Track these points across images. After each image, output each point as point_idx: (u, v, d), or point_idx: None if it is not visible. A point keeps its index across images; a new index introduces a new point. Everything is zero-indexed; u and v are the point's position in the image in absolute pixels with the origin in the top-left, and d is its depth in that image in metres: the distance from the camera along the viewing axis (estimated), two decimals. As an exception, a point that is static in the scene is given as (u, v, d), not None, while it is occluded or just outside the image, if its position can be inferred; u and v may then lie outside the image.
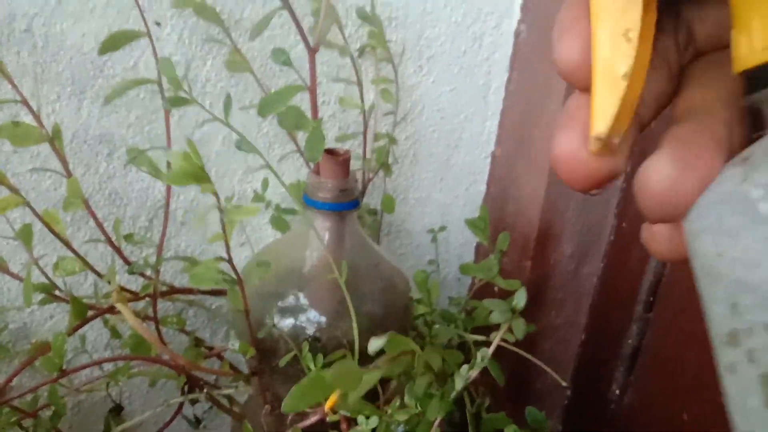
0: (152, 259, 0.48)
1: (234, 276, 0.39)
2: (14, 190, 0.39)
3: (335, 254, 0.45)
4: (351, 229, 0.46)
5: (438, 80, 0.59)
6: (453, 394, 0.42)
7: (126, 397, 0.58)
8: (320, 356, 0.43)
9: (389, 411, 0.41)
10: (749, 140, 0.18)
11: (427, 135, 0.61)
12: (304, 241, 0.46)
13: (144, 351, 0.46)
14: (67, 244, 0.43)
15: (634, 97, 0.18)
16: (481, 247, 0.70)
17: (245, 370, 0.55)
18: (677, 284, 0.58)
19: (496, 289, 0.59)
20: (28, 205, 0.40)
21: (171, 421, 0.51)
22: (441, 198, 0.65)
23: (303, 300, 0.45)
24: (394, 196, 0.61)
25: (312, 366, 0.43)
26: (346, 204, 0.45)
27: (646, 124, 0.20)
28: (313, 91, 0.43)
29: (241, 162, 0.56)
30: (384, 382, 0.45)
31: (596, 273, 0.67)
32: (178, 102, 0.40)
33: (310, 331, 0.44)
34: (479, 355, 0.43)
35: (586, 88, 0.18)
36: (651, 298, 0.60)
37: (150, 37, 0.41)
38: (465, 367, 0.42)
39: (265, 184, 0.52)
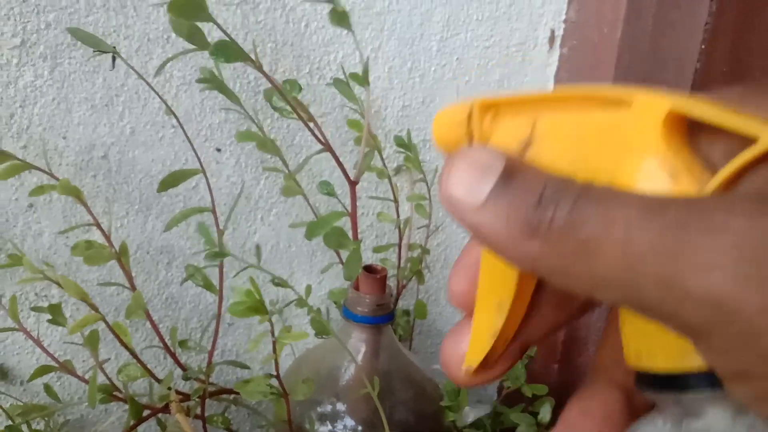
0: (203, 363, 0.53)
1: (281, 390, 0.43)
2: (95, 308, 0.44)
3: (371, 364, 0.49)
4: (386, 339, 0.50)
5: (468, 193, 0.64)
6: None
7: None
8: (356, 463, 0.46)
9: None
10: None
11: (458, 242, 0.65)
12: (342, 351, 0.50)
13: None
14: (133, 354, 0.47)
15: (509, 334, 0.20)
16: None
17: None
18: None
19: (523, 391, 0.61)
20: (105, 320, 0.45)
21: None
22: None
23: (340, 407, 0.48)
24: (426, 297, 0.65)
25: (348, 473, 0.46)
26: (382, 317, 0.49)
27: (536, 342, 0.22)
28: (353, 217, 0.48)
29: (286, 268, 0.61)
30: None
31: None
32: (215, 256, 0.45)
33: (347, 435, 0.47)
34: None
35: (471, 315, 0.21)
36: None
37: (205, 174, 0.47)
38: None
39: (308, 290, 0.57)
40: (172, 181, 0.46)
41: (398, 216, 0.56)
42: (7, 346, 0.55)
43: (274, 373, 0.42)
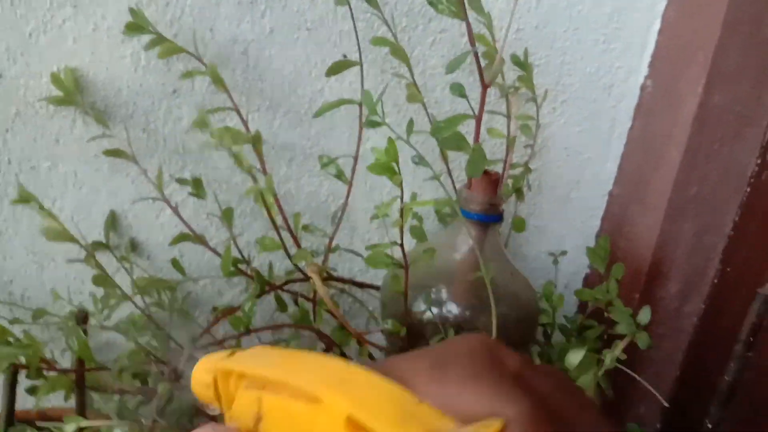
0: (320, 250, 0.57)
1: (402, 259, 0.47)
2: (255, 179, 0.48)
3: (478, 258, 0.52)
4: (492, 239, 0.54)
5: (568, 122, 0.67)
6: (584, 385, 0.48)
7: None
8: (462, 342, 0.50)
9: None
10: None
11: (553, 169, 0.68)
12: (451, 246, 0.54)
13: (306, 322, 0.55)
14: (274, 225, 0.52)
15: None
16: (590, 279, 0.75)
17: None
18: (779, 328, 0.63)
19: (605, 315, 0.64)
20: (261, 194, 0.50)
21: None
22: (558, 228, 0.72)
23: (449, 294, 0.52)
24: (525, 214, 0.68)
25: (455, 350, 0.50)
26: (492, 216, 0.53)
27: None
28: (479, 120, 0.51)
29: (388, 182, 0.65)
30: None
31: (698, 313, 0.72)
32: (373, 124, 0.49)
33: (454, 320, 0.52)
34: (608, 356, 0.49)
35: None
36: (752, 338, 0.65)
37: (362, 67, 0.51)
38: (594, 367, 0.49)
39: (414, 197, 0.61)
40: (335, 69, 0.51)
41: (508, 133, 0.59)
42: (139, 222, 0.60)
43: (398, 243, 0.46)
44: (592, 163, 0.70)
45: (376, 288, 0.62)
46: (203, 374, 0.24)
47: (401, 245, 0.47)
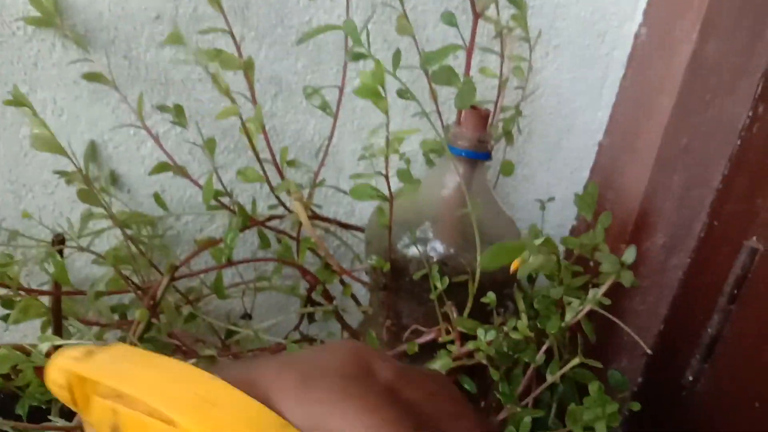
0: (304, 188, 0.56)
1: (387, 191, 0.46)
2: (233, 101, 0.47)
3: (465, 195, 0.51)
4: (480, 178, 0.53)
5: (560, 68, 0.65)
6: (566, 321, 0.48)
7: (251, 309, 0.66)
8: (446, 278, 0.50)
9: (506, 329, 0.47)
10: None
11: (544, 116, 0.67)
12: (438, 184, 0.53)
13: (289, 258, 0.54)
14: (257, 156, 0.51)
15: None
16: (577, 230, 0.75)
17: (362, 300, 0.62)
18: (764, 280, 0.62)
19: (591, 264, 0.64)
20: (240, 117, 0.48)
21: (297, 326, 0.58)
22: (546, 177, 0.71)
23: (435, 232, 0.52)
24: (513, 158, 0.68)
25: (439, 284, 0.49)
26: (481, 154, 0.52)
27: None
28: (470, 51, 0.50)
29: (377, 119, 0.63)
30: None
31: (683, 267, 0.72)
32: (357, 57, 0.48)
33: (438, 257, 0.51)
34: (591, 292, 0.49)
35: None
36: (735, 291, 0.65)
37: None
38: (577, 301, 0.48)
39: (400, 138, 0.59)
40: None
41: (501, 73, 0.58)
42: (119, 154, 0.59)
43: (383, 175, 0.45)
44: (582, 112, 0.69)
45: (362, 230, 0.61)
46: (57, 374, 0.22)
47: (386, 176, 0.46)
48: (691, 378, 0.69)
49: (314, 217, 0.57)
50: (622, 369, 0.76)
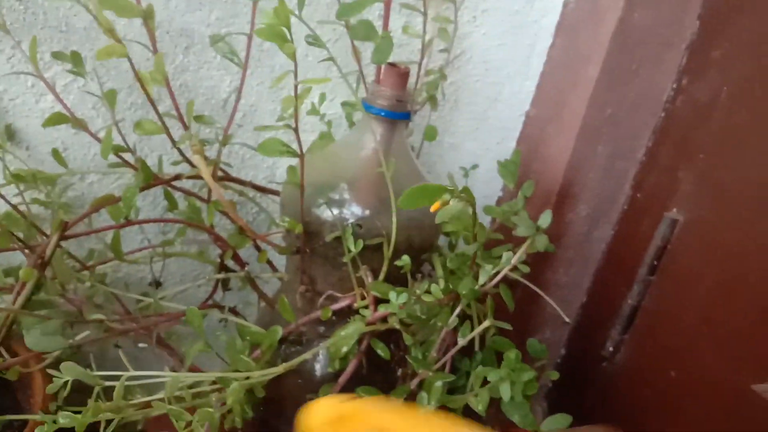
0: (213, 148, 0.53)
1: (298, 148, 0.44)
2: (119, 40, 0.43)
3: (383, 157, 0.49)
4: (399, 140, 0.51)
5: (488, 34, 0.64)
6: (481, 283, 0.47)
7: (163, 277, 0.63)
8: (360, 241, 0.48)
9: (418, 291, 0.46)
10: None
11: (471, 84, 0.66)
12: (356, 145, 0.51)
13: (198, 221, 0.51)
14: (154, 107, 0.47)
15: None
16: (502, 201, 0.74)
17: (279, 267, 0.59)
18: (683, 250, 0.63)
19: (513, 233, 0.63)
20: (130, 61, 0.45)
21: (210, 295, 0.55)
22: (473, 147, 0.70)
23: (349, 193, 0.50)
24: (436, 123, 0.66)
25: (352, 248, 0.47)
26: (400, 114, 0.50)
27: None
28: (388, 4, 0.48)
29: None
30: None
31: (606, 239, 0.72)
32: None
33: (353, 220, 0.49)
34: (505, 256, 0.47)
35: None
36: (656, 262, 0.65)
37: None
38: (491, 265, 0.47)
39: (322, 98, 0.57)
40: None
41: (425, 32, 0.56)
42: (16, 107, 0.54)
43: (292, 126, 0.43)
44: (510, 81, 0.68)
45: (278, 194, 0.59)
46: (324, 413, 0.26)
47: (295, 129, 0.43)
48: (611, 349, 0.69)
49: (226, 178, 0.55)
50: (544, 341, 0.76)
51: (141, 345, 0.51)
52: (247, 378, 0.42)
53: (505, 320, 0.65)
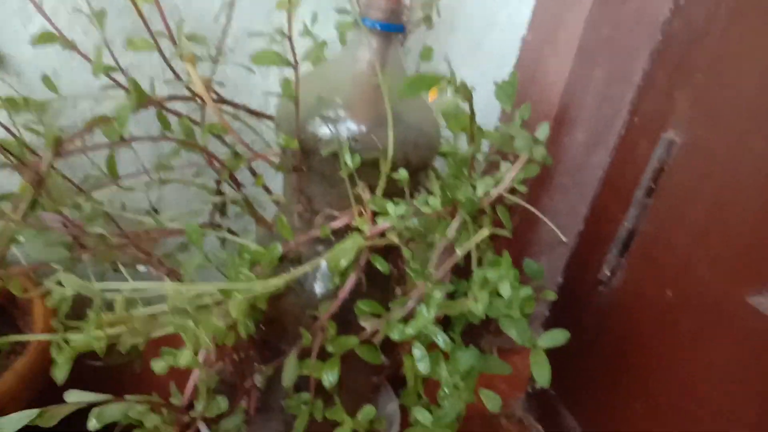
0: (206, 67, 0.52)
1: (293, 57, 0.43)
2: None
3: (379, 70, 0.49)
4: (394, 54, 0.51)
5: (483, -46, 0.63)
6: (479, 195, 0.47)
7: (161, 207, 0.62)
8: (357, 156, 0.48)
9: (416, 203, 0.46)
10: None
11: (467, 9, 0.65)
12: (351, 60, 0.51)
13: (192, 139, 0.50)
14: (145, 23, 0.47)
15: None
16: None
17: (276, 189, 0.59)
18: (679, 171, 0.63)
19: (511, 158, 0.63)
20: None
21: (211, 225, 0.55)
22: (469, 74, 0.69)
23: (345, 108, 0.49)
24: (426, 62, 0.65)
25: (349, 162, 0.47)
26: (395, 26, 0.49)
27: None
28: None
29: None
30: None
31: (603, 165, 0.72)
32: None
33: (349, 135, 0.48)
34: (503, 166, 0.47)
35: None
36: (653, 184, 0.65)
37: None
38: (489, 177, 0.47)
39: (315, 17, 0.56)
40: None
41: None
42: (3, 32, 0.53)
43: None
44: (506, 5, 0.67)
45: (272, 118, 0.58)
46: None
47: (289, 38, 0.43)
48: (608, 273, 0.70)
49: (220, 101, 0.54)
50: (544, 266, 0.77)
51: (140, 268, 0.52)
52: (250, 291, 0.42)
53: (499, 246, 0.65)
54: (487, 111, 0.72)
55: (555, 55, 0.66)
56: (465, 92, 0.38)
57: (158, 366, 0.40)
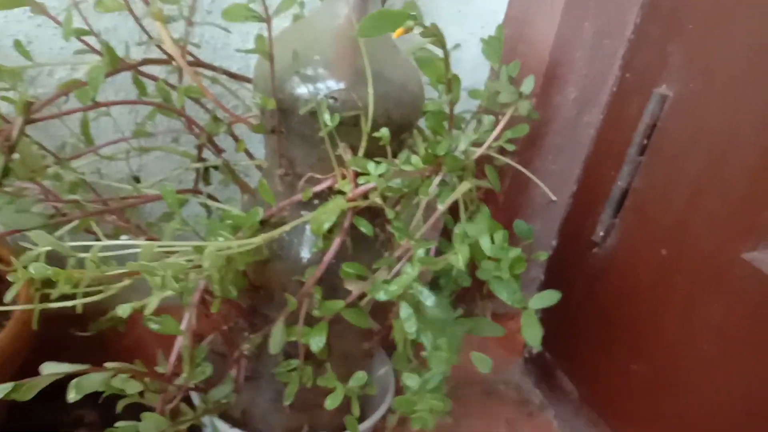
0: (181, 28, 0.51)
1: (264, 13, 0.42)
2: None
3: (357, 24, 0.47)
4: (374, 7, 0.49)
5: None
6: (461, 149, 0.45)
7: (142, 176, 0.61)
8: (337, 115, 0.46)
9: (398, 162, 0.45)
10: None
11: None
12: (329, 15, 0.49)
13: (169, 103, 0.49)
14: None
15: None
16: (489, 90, 0.72)
17: (256, 156, 0.58)
18: (672, 127, 0.61)
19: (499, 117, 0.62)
20: None
21: (191, 190, 0.54)
22: (456, 33, 0.67)
23: (323, 65, 0.48)
24: (411, 23, 0.64)
25: (329, 121, 0.46)
26: (372, -21, 0.47)
27: None
28: None
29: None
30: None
31: (595, 124, 0.70)
32: None
33: (328, 94, 0.47)
34: (486, 119, 0.46)
35: None
36: (645, 141, 0.64)
37: None
38: (470, 130, 0.46)
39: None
40: None
41: None
42: (-27, -2, 0.52)
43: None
44: (492, -42, 0.65)
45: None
46: None
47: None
48: (602, 234, 0.69)
49: (196, 63, 0.53)
50: (536, 232, 0.76)
51: (123, 237, 0.51)
52: (227, 249, 0.41)
53: (494, 210, 0.64)
54: (476, 71, 0.70)
55: (543, 9, 0.65)
56: (435, 33, 0.36)
57: (122, 309, 0.39)
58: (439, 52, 0.43)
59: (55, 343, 0.50)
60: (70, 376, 0.41)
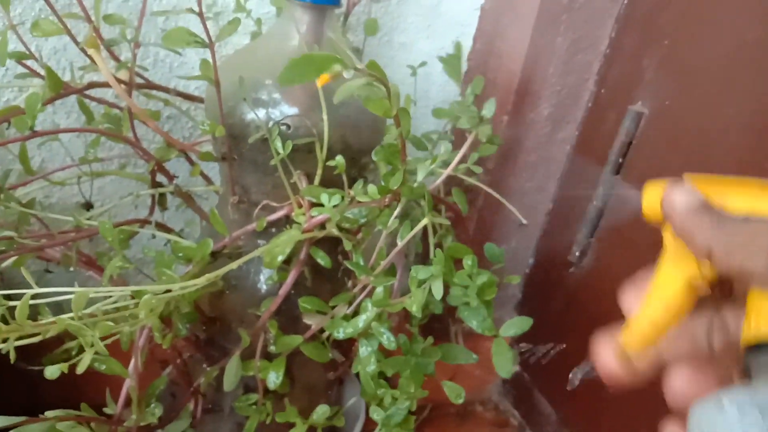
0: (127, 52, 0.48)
1: (207, 36, 0.39)
2: None
3: (309, 49, 0.45)
4: (330, 30, 0.47)
5: None
6: (417, 182, 0.43)
7: (98, 201, 0.59)
8: (289, 142, 0.44)
9: (352, 193, 0.42)
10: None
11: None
12: (283, 37, 0.47)
13: (116, 129, 0.47)
14: (51, 6, 0.43)
15: (662, 330, 0.27)
16: (461, 106, 0.70)
17: (215, 180, 0.56)
18: (648, 144, 0.59)
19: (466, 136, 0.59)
20: None
21: (139, 220, 0.51)
22: (426, 47, 0.65)
23: (275, 89, 0.45)
24: (377, 38, 0.61)
25: (281, 150, 0.44)
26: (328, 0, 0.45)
27: (667, 360, 0.27)
28: None
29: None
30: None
31: (570, 141, 0.68)
32: None
33: (282, 119, 0.45)
34: (443, 146, 0.44)
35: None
36: (620, 160, 0.61)
37: None
38: (428, 162, 0.43)
39: (249, -8, 0.52)
40: None
41: None
42: None
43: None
44: (461, -30, 0.62)
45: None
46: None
47: (200, 14, 0.39)
48: (577, 254, 0.67)
49: (147, 85, 0.50)
50: (511, 251, 0.74)
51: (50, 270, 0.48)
52: (168, 291, 0.39)
53: (465, 230, 0.61)
54: (446, 88, 0.68)
55: (514, 23, 0.62)
56: (376, 70, 0.34)
57: (50, 371, 0.37)
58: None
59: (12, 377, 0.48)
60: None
